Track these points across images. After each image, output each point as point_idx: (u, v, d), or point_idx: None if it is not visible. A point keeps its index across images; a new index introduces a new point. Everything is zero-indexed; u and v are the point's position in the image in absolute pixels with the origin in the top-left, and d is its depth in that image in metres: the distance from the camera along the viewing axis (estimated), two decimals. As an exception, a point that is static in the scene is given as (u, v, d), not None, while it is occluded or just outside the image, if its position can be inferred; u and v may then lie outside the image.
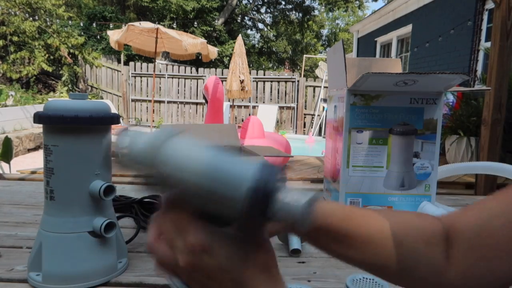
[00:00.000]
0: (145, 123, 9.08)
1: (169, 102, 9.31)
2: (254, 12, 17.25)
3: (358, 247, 0.41)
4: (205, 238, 0.30)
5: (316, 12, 18.27)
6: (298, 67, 17.62)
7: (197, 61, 10.21)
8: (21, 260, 0.73)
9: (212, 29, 13.76)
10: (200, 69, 9.26)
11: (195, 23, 13.54)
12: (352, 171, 1.08)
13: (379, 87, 1.02)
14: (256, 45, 17.47)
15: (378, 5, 47.73)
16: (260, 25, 17.83)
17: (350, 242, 0.41)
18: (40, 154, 5.64)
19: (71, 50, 8.22)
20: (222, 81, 3.48)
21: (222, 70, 9.13)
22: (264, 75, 9.21)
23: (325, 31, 22.12)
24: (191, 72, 9.36)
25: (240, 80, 5.55)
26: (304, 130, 9.11)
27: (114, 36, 5.45)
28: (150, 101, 8.98)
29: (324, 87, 8.90)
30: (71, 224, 0.65)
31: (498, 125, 2.39)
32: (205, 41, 5.45)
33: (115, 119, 0.68)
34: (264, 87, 9.12)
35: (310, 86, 9.23)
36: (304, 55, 12.74)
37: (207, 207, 0.29)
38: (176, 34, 5.32)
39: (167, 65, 9.52)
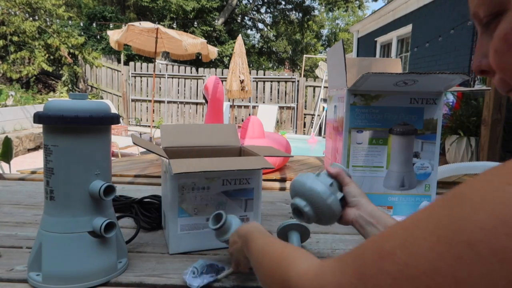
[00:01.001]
0: (145, 123, 9.09)
1: (169, 102, 9.31)
2: (254, 12, 17.25)
3: None
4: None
5: (316, 12, 18.27)
6: (298, 67, 17.62)
7: (197, 61, 10.22)
8: (21, 260, 0.73)
9: (212, 29, 13.76)
10: (200, 69, 9.26)
11: (195, 23, 13.54)
12: (352, 171, 1.07)
13: (379, 87, 1.02)
14: (256, 45, 17.47)
15: (378, 5, 47.72)
16: (260, 25, 17.84)
17: None
18: (40, 154, 5.64)
19: (71, 50, 8.22)
20: (222, 81, 3.48)
21: (222, 70, 9.13)
22: (264, 75, 9.20)
23: (325, 31, 22.13)
24: (191, 72, 9.36)
25: (240, 80, 5.54)
26: (304, 130, 9.11)
27: (114, 36, 5.44)
28: (150, 101, 8.99)
29: (324, 87, 8.90)
30: (71, 224, 0.65)
31: (498, 125, 2.39)
32: (205, 41, 5.45)
33: (115, 119, 0.68)
34: (264, 87, 9.11)
35: (310, 86, 9.23)
36: (304, 55, 12.74)
37: None
38: (176, 34, 5.31)
39: (167, 65, 9.52)
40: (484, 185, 0.24)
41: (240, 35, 6.04)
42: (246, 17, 17.02)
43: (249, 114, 8.89)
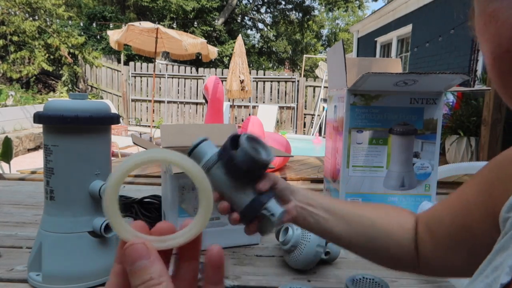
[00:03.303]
0: (145, 123, 9.08)
1: (169, 102, 9.31)
2: (254, 12, 17.25)
3: (336, 219, 0.49)
4: None
5: (316, 12, 18.27)
6: (298, 67, 17.62)
7: (197, 61, 10.21)
8: (21, 260, 0.73)
9: (212, 29, 13.76)
10: (200, 69, 9.26)
11: (195, 23, 13.54)
12: (352, 171, 1.07)
13: (379, 87, 1.02)
14: (256, 45, 17.46)
15: (378, 5, 47.72)
16: (260, 25, 17.83)
17: (331, 214, 0.50)
18: (40, 154, 5.64)
19: (71, 50, 8.22)
20: (222, 81, 3.48)
21: (222, 70, 9.12)
22: (264, 75, 9.20)
23: (325, 31, 22.12)
24: (191, 72, 9.35)
25: (240, 80, 5.55)
26: (304, 130, 9.11)
27: (114, 36, 5.45)
28: (150, 101, 8.98)
29: (324, 87, 8.90)
30: (71, 224, 0.64)
31: (498, 125, 2.39)
32: (205, 41, 5.45)
33: (115, 119, 0.68)
34: (264, 87, 9.11)
35: (310, 86, 9.23)
36: (304, 55, 12.74)
37: None
38: (176, 34, 5.32)
39: (167, 65, 9.51)
40: None
41: (240, 35, 6.05)
42: (246, 17, 17.02)
43: (249, 114, 8.89)
